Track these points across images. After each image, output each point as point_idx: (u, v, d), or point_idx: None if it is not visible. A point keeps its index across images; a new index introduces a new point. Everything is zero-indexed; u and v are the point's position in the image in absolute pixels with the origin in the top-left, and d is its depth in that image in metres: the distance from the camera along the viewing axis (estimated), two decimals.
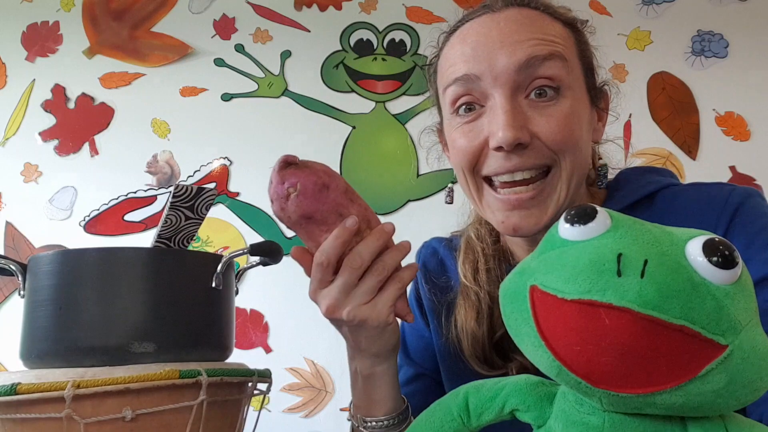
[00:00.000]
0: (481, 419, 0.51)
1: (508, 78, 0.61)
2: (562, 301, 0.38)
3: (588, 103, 0.67)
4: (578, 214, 0.41)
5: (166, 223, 0.64)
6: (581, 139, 0.64)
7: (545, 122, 0.61)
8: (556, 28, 0.65)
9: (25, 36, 2.02)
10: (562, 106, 0.62)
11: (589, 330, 0.36)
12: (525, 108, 0.62)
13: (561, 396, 0.46)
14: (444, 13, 1.93)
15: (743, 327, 0.37)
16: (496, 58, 0.62)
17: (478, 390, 0.52)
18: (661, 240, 0.39)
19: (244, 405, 0.63)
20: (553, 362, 0.39)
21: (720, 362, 0.36)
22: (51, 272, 0.57)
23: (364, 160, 1.89)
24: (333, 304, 0.57)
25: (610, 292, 0.36)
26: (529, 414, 0.48)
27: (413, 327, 0.83)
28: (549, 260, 0.41)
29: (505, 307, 0.44)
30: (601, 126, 0.71)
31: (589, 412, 0.42)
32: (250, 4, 1.99)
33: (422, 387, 0.80)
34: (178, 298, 0.58)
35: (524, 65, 0.61)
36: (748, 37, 1.87)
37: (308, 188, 0.55)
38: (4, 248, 1.90)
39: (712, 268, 0.37)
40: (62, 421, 0.49)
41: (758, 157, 1.81)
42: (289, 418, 1.74)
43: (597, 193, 0.73)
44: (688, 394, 0.37)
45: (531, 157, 0.62)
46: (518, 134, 0.60)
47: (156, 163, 1.93)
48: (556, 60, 0.61)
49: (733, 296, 0.37)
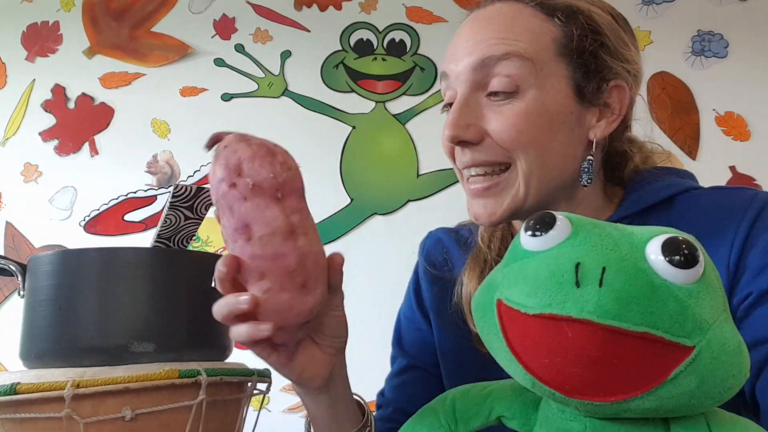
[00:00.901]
0: (468, 426, 0.50)
1: (466, 77, 0.64)
2: (525, 316, 0.37)
3: (571, 101, 0.64)
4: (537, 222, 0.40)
5: (165, 223, 0.64)
6: (544, 139, 0.63)
7: (496, 121, 0.63)
8: (530, 23, 0.63)
9: (25, 36, 2.02)
10: (517, 105, 0.62)
11: (554, 343, 0.36)
12: (482, 105, 0.64)
13: (545, 402, 0.46)
14: (444, 13, 1.93)
15: (710, 325, 0.36)
16: (459, 58, 0.65)
17: (465, 396, 0.52)
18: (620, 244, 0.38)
19: (243, 405, 0.63)
20: (525, 375, 0.39)
21: (688, 364, 0.35)
22: (51, 272, 0.57)
23: (364, 160, 1.89)
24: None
25: (570, 304, 0.36)
26: (514, 421, 0.48)
27: (409, 319, 0.83)
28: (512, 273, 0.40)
29: (477, 321, 0.44)
30: (607, 124, 0.67)
31: (571, 418, 0.42)
32: (250, 4, 1.99)
33: (413, 378, 0.80)
34: (177, 298, 0.58)
35: (479, 65, 0.63)
36: (748, 37, 1.86)
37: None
38: (4, 248, 1.89)
39: (673, 268, 0.36)
40: (62, 421, 0.49)
41: (758, 157, 1.81)
42: (289, 418, 1.74)
43: (614, 193, 0.71)
44: (661, 398, 0.36)
45: (483, 155, 0.64)
46: (458, 132, 0.63)
47: (156, 163, 1.93)
48: (512, 59, 0.62)
49: (697, 295, 0.36)
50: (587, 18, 0.65)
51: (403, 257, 1.79)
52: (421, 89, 1.91)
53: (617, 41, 0.66)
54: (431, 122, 1.88)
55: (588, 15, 0.65)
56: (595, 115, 0.66)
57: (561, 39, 0.64)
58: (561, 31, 0.64)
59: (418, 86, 1.92)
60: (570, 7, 0.65)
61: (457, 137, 0.63)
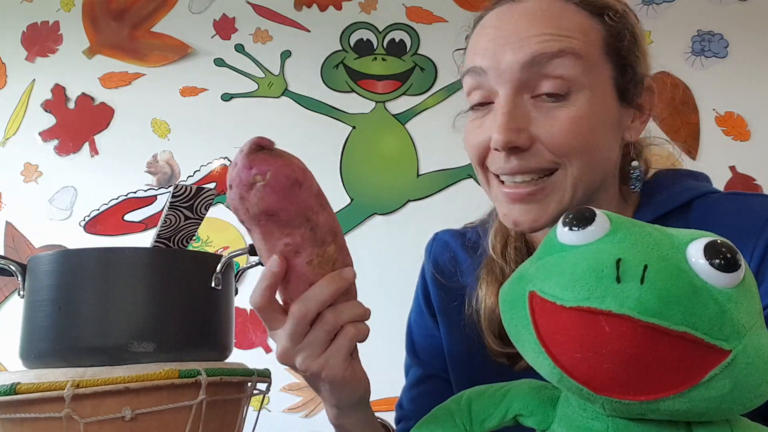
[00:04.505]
0: (483, 426, 0.50)
1: (512, 76, 0.59)
2: (561, 308, 0.37)
3: (615, 102, 0.62)
4: (576, 218, 0.40)
5: (165, 223, 0.64)
6: (595, 143, 0.60)
7: (548, 126, 0.58)
8: (578, 20, 0.60)
9: (25, 36, 2.02)
10: (571, 109, 0.58)
11: (589, 337, 0.36)
12: (530, 108, 0.59)
13: (564, 400, 0.46)
14: (444, 13, 1.93)
15: (747, 331, 0.36)
16: (503, 54, 0.59)
17: (481, 396, 0.51)
18: (661, 243, 0.38)
19: (243, 405, 0.63)
20: (554, 369, 0.39)
21: (723, 368, 0.35)
22: (51, 272, 0.57)
23: (364, 160, 1.89)
24: (283, 351, 0.52)
25: (610, 298, 0.35)
26: (532, 419, 0.48)
27: (421, 326, 0.81)
28: (547, 266, 0.40)
29: (505, 314, 0.43)
30: (640, 124, 0.66)
31: (592, 416, 0.42)
32: (250, 4, 1.99)
33: (432, 388, 0.77)
34: (177, 298, 0.58)
35: (529, 63, 0.58)
36: (748, 37, 1.86)
37: (279, 180, 0.46)
38: (4, 248, 1.89)
39: (714, 271, 0.36)
40: (62, 421, 0.49)
41: (758, 157, 1.81)
42: (289, 418, 1.74)
43: (631, 196, 0.70)
44: (692, 400, 0.36)
45: (531, 161, 0.59)
46: (512, 137, 0.58)
47: (156, 163, 1.93)
48: (567, 57, 0.57)
49: (736, 300, 0.36)
50: (624, 17, 0.63)
51: (404, 257, 1.79)
52: (421, 89, 1.91)
53: (642, 39, 0.65)
54: (431, 122, 1.88)
55: (624, 13, 0.63)
56: (630, 116, 0.65)
57: (606, 38, 0.61)
58: (606, 29, 0.61)
59: (418, 86, 1.92)
60: (610, 6, 0.62)
61: (510, 143, 0.58)
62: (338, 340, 0.52)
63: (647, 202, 0.67)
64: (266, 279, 0.50)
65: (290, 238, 0.48)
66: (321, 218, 0.50)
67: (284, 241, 0.48)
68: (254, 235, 0.50)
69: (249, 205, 0.47)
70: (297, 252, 0.49)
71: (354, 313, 0.53)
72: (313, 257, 0.50)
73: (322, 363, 0.52)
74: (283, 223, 0.48)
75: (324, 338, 0.51)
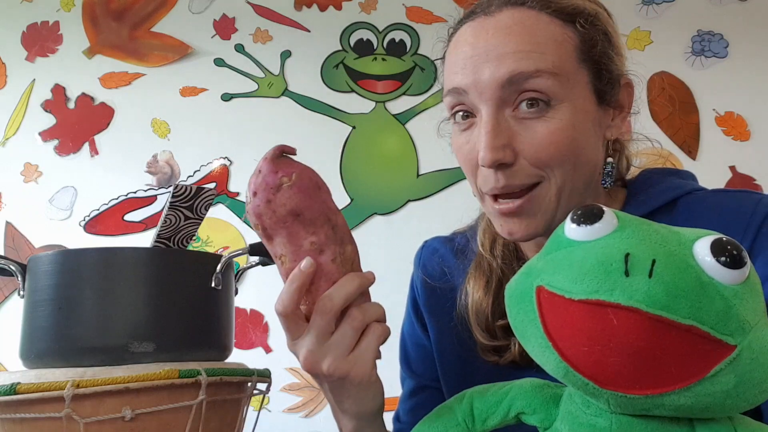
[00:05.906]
0: (486, 424, 0.50)
1: (492, 94, 0.59)
2: (569, 302, 0.37)
3: (594, 106, 0.63)
4: (585, 214, 0.41)
5: (165, 223, 0.64)
6: (577, 150, 0.61)
7: (530, 140, 0.59)
8: (551, 30, 0.61)
9: (25, 36, 2.02)
10: (551, 122, 0.59)
11: (597, 330, 0.36)
12: (511, 123, 0.60)
13: (567, 398, 0.46)
14: (444, 13, 1.92)
15: (752, 327, 0.36)
16: (481, 73, 0.60)
17: (483, 394, 0.51)
18: (668, 240, 0.39)
19: (243, 405, 0.63)
20: (560, 363, 0.39)
21: (729, 363, 0.35)
22: (51, 272, 0.57)
23: (364, 160, 1.89)
24: (310, 356, 0.52)
25: (618, 291, 0.36)
26: (535, 417, 0.48)
27: (412, 336, 0.81)
28: (556, 260, 0.40)
29: (511, 308, 0.43)
30: (621, 121, 0.66)
31: (596, 413, 0.42)
32: (250, 4, 1.99)
33: (427, 399, 0.78)
34: (177, 298, 0.58)
35: (507, 81, 0.58)
36: (748, 37, 1.86)
37: (304, 181, 0.51)
38: (4, 248, 1.90)
39: (721, 267, 0.37)
40: (62, 421, 0.49)
41: (758, 157, 1.81)
42: (289, 418, 1.74)
43: (616, 194, 0.71)
44: (697, 395, 0.36)
45: (517, 178, 0.60)
46: (498, 156, 0.59)
47: (156, 163, 1.93)
48: (543, 76, 0.58)
49: (742, 296, 0.37)
50: (596, 19, 0.63)
51: (403, 257, 1.79)
52: (421, 89, 1.91)
53: (617, 37, 0.66)
54: (431, 122, 1.88)
55: (595, 16, 0.63)
56: (610, 115, 0.66)
57: (580, 45, 0.62)
58: (579, 36, 0.62)
59: (418, 86, 1.92)
60: (581, 11, 0.63)
61: (497, 160, 0.59)
62: (367, 337, 0.53)
63: (633, 201, 0.68)
64: (297, 280, 0.51)
65: (315, 236, 0.51)
66: (339, 219, 0.53)
67: (310, 239, 0.51)
68: (278, 239, 0.51)
69: (276, 207, 0.50)
70: (322, 250, 0.52)
71: (378, 312, 0.55)
72: (336, 255, 0.52)
73: (351, 363, 0.52)
74: (308, 221, 0.51)
75: (352, 336, 0.52)
